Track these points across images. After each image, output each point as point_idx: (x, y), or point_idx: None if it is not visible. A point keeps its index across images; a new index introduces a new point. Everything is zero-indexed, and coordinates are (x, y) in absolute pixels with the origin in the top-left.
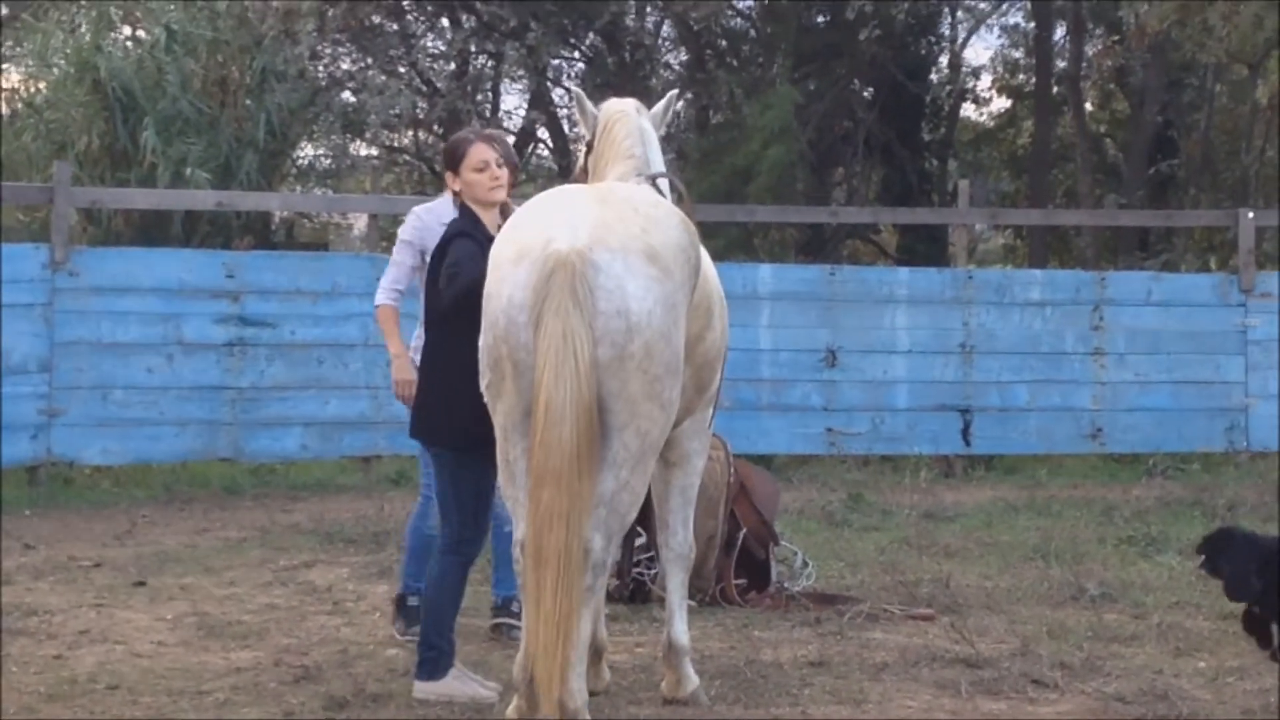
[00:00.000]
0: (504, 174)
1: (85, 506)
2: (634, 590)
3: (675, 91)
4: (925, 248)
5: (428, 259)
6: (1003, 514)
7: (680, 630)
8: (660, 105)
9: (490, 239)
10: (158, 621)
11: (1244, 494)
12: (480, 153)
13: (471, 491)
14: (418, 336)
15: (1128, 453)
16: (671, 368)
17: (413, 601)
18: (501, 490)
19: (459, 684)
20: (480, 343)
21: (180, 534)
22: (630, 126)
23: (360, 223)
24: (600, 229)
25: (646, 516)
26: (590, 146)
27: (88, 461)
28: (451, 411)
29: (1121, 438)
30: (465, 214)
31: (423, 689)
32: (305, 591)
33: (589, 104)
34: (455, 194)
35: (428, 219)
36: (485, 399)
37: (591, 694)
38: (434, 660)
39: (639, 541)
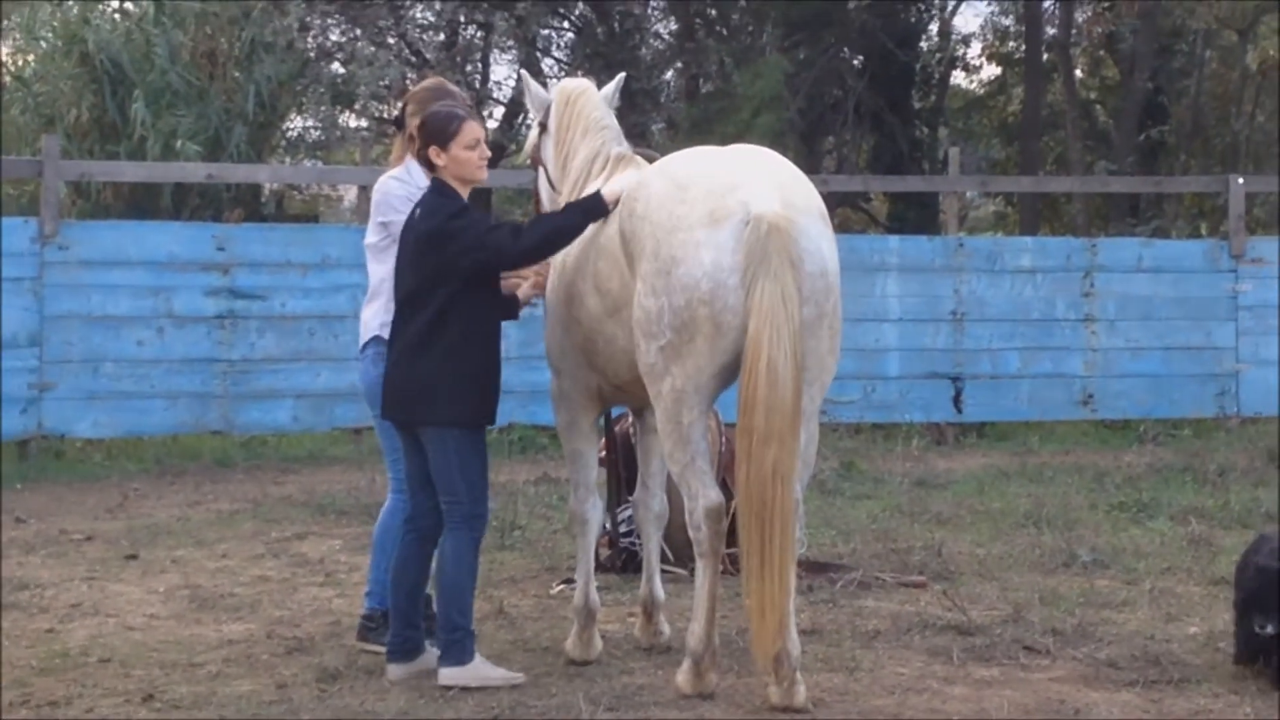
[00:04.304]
0: (487, 152)
1: (76, 480)
2: (625, 560)
3: (623, 75)
4: (916, 215)
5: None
6: (994, 481)
7: (659, 586)
8: (609, 87)
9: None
10: (150, 594)
11: (1235, 459)
12: (473, 130)
13: (481, 466)
14: (382, 311)
15: (1119, 419)
16: (841, 324)
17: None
18: (666, 456)
19: (488, 669)
20: (660, 304)
21: (172, 507)
22: (596, 99)
23: (350, 194)
24: (784, 191)
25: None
26: (544, 127)
27: (79, 435)
28: (469, 389)
29: (1113, 404)
30: (449, 189)
31: (452, 675)
32: (297, 563)
33: (535, 85)
34: (432, 168)
35: (410, 183)
36: (650, 361)
37: (584, 662)
38: (461, 643)
39: (628, 513)
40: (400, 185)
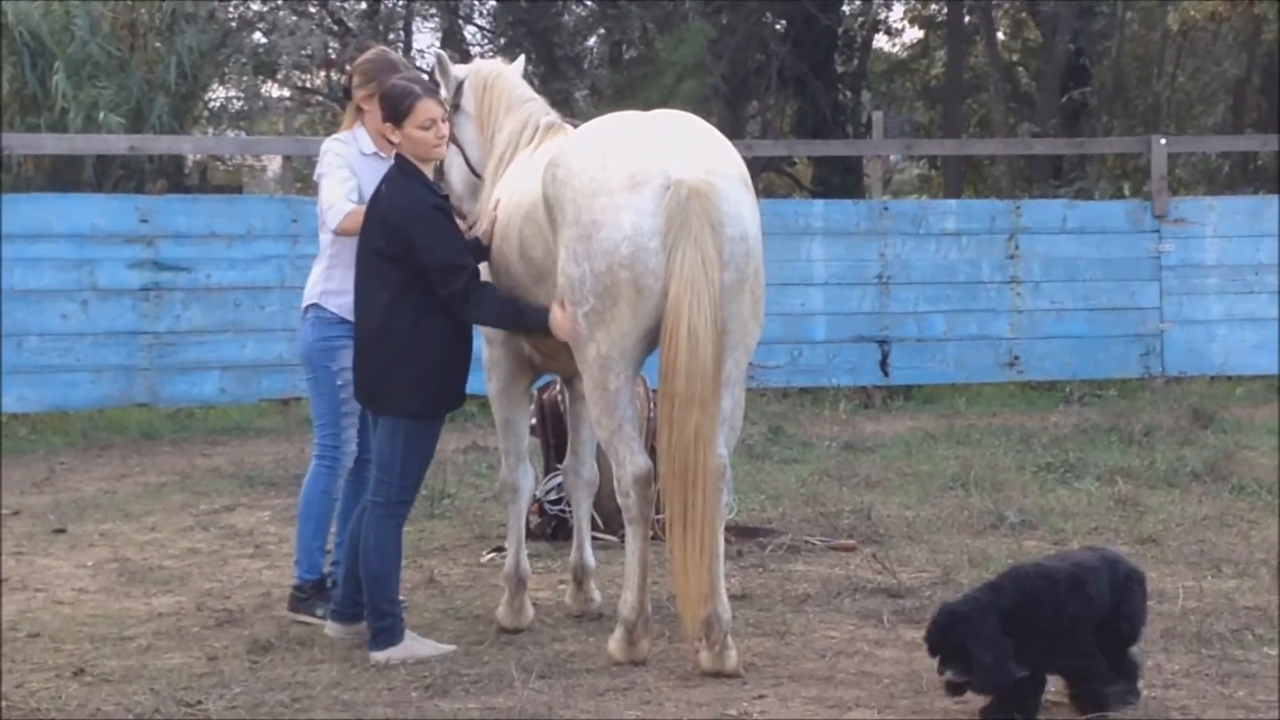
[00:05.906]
0: (446, 129)
1: (2, 455)
2: (556, 528)
3: (523, 57)
4: (840, 179)
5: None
6: (922, 444)
7: (589, 553)
8: (512, 68)
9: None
10: (78, 568)
11: (1160, 419)
12: (428, 109)
13: (423, 459)
14: (322, 279)
15: (1045, 380)
16: (764, 289)
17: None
18: (594, 422)
19: (418, 645)
20: (581, 270)
21: (99, 480)
22: (514, 77)
23: (274, 164)
24: (706, 156)
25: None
26: (457, 107)
27: (4, 410)
28: (423, 379)
29: (1038, 365)
30: (412, 168)
31: (383, 655)
32: (226, 535)
33: (451, 66)
34: (391, 143)
35: (353, 147)
36: (577, 328)
37: (515, 630)
38: (390, 629)
39: (557, 480)
40: (341, 147)
